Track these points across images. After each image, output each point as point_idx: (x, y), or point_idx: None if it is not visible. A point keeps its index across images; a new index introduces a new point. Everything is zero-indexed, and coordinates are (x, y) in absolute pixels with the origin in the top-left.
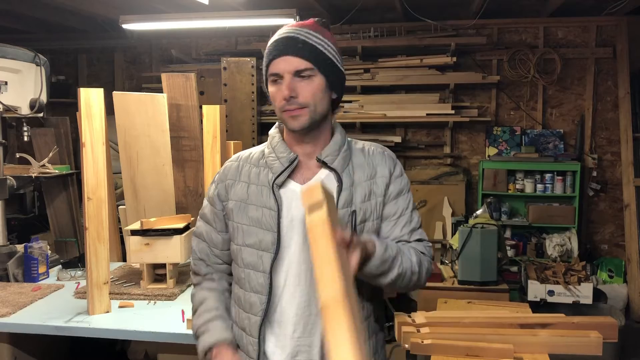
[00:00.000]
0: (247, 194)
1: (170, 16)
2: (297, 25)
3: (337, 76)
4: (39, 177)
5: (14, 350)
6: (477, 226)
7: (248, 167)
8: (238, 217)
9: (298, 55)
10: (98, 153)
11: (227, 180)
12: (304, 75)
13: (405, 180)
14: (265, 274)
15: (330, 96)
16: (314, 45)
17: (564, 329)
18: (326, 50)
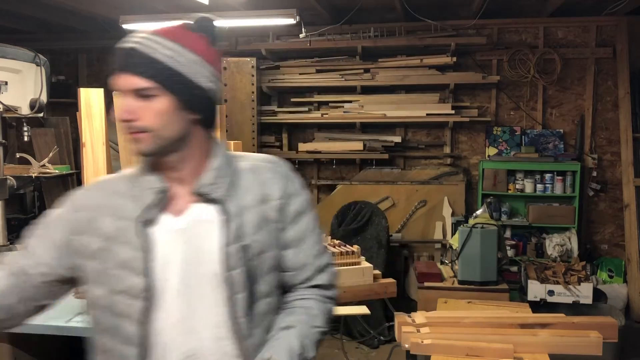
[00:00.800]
0: (115, 230)
1: (170, 16)
2: (150, 32)
3: (194, 94)
4: (39, 177)
5: (14, 350)
6: (477, 226)
7: (115, 199)
8: (104, 258)
9: (136, 73)
10: (98, 153)
11: (91, 212)
12: (145, 95)
13: (304, 197)
14: (139, 324)
15: (186, 117)
16: (159, 60)
17: (564, 329)
18: (178, 63)
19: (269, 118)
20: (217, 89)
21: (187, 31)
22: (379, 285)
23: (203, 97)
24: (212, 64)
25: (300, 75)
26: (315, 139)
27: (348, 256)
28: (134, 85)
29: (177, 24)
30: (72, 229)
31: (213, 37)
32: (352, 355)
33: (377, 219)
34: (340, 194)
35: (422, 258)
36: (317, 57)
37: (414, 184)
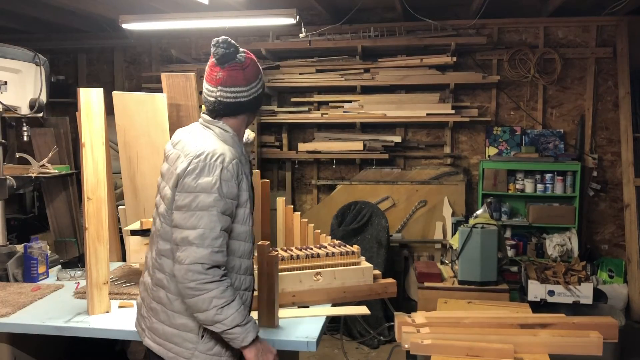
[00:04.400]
0: (248, 185)
1: (170, 16)
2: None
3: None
4: (39, 177)
5: (14, 350)
6: (477, 226)
7: (242, 165)
8: (248, 204)
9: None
10: (98, 153)
11: (239, 176)
12: None
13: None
14: (253, 244)
15: None
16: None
17: (564, 329)
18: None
19: (268, 118)
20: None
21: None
22: (379, 285)
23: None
24: (207, 81)
25: (300, 75)
26: (315, 139)
27: (348, 256)
28: None
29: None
30: (237, 191)
31: (216, 57)
32: (352, 355)
33: (377, 219)
34: (340, 194)
35: (422, 258)
36: (317, 57)
37: (414, 184)
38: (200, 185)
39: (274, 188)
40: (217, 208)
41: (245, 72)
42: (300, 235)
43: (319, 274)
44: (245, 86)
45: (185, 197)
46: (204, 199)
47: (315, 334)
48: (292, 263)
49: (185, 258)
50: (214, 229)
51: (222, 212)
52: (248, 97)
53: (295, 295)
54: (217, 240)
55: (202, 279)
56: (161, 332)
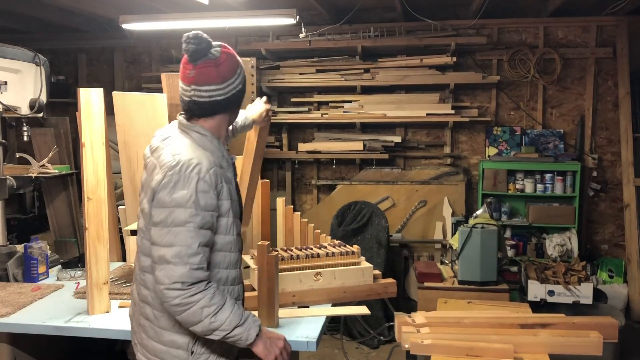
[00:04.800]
0: (230, 192)
1: (170, 16)
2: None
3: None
4: (39, 177)
5: (14, 350)
6: (477, 226)
7: (222, 172)
8: (230, 213)
9: None
10: (98, 153)
11: (218, 185)
12: None
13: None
14: (241, 253)
15: None
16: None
17: (564, 329)
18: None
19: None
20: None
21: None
22: (379, 285)
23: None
24: (181, 80)
25: (300, 75)
26: (315, 139)
27: (348, 256)
28: None
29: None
30: (217, 202)
31: (187, 53)
32: (352, 355)
33: (377, 219)
34: (340, 194)
35: (422, 258)
36: (317, 57)
37: (414, 184)
38: (175, 200)
39: (274, 188)
40: (194, 223)
41: (219, 68)
42: (300, 235)
43: (319, 274)
44: (220, 84)
45: (161, 212)
46: (179, 214)
47: (315, 334)
48: (292, 263)
49: (164, 278)
50: (191, 245)
51: (199, 226)
52: (225, 95)
53: (295, 295)
54: (195, 257)
55: (185, 294)
56: (151, 349)
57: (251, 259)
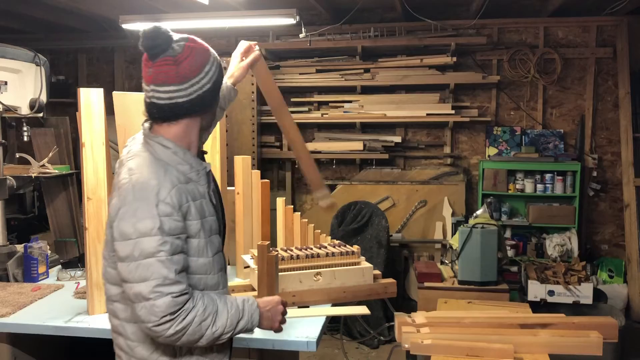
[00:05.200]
0: (200, 210)
1: (170, 16)
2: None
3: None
4: (39, 177)
5: (14, 350)
6: (477, 226)
7: (186, 189)
8: (201, 233)
9: None
10: (98, 153)
11: (183, 205)
12: None
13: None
14: (223, 272)
15: None
16: None
17: (564, 329)
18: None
19: (269, 118)
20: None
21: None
22: (379, 285)
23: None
24: (143, 79)
25: (300, 75)
26: (315, 139)
27: (348, 256)
28: None
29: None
30: (183, 223)
31: (144, 50)
32: (352, 355)
33: (377, 219)
34: (340, 194)
35: (422, 258)
36: (317, 57)
37: (414, 184)
38: (139, 230)
39: (274, 188)
40: (164, 252)
41: (180, 66)
42: (300, 235)
43: (319, 274)
44: (180, 84)
45: (125, 246)
46: (146, 244)
47: (315, 334)
48: (292, 263)
49: (149, 316)
50: (168, 276)
51: (171, 253)
52: (187, 97)
53: (295, 295)
54: (175, 286)
55: (176, 321)
56: None
57: (251, 259)
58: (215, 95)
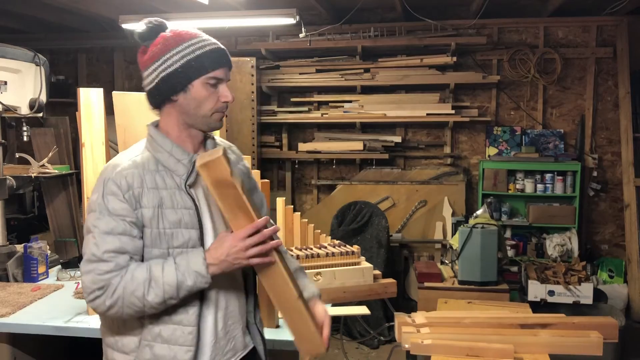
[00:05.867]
0: (160, 199)
1: (170, 16)
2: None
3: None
4: (39, 177)
5: (14, 350)
6: (477, 226)
7: (150, 175)
8: (157, 223)
9: (231, 69)
10: (98, 153)
11: (135, 189)
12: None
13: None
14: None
15: None
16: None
17: (564, 329)
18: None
19: (268, 118)
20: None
21: None
22: (379, 285)
23: None
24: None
25: (300, 75)
26: (315, 139)
27: (348, 256)
28: (229, 77)
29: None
30: (132, 207)
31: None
32: (352, 355)
33: (377, 219)
34: (340, 194)
35: (422, 258)
36: (317, 57)
37: (414, 184)
38: (89, 205)
39: (274, 188)
40: (98, 228)
41: (146, 55)
42: (300, 235)
43: (319, 274)
44: (144, 71)
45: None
46: (89, 219)
47: None
48: None
49: (84, 292)
50: (95, 253)
51: (105, 232)
52: (151, 85)
53: None
54: (100, 264)
55: (107, 295)
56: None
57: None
58: (177, 78)
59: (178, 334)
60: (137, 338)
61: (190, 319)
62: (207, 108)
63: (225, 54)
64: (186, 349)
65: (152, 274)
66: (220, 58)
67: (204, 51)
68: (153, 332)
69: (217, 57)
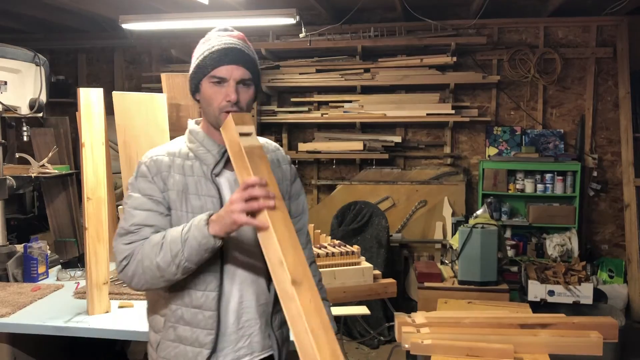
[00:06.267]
0: (185, 184)
1: (170, 16)
2: (238, 37)
3: (259, 89)
4: (39, 177)
5: (14, 350)
6: (477, 226)
7: (181, 161)
8: (181, 206)
9: (245, 66)
10: (98, 153)
11: (162, 173)
12: (246, 84)
13: (300, 183)
14: (216, 256)
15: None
16: (255, 60)
17: (564, 329)
18: (258, 65)
19: (269, 118)
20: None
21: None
22: (379, 285)
23: (259, 93)
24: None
25: (300, 75)
26: (315, 139)
27: (348, 256)
28: (243, 76)
29: (242, 35)
30: (160, 188)
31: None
32: (352, 355)
33: (377, 219)
34: (340, 194)
35: (422, 258)
36: (317, 57)
37: (414, 184)
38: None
39: None
40: (129, 205)
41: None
42: None
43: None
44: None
45: None
46: (124, 199)
47: None
48: None
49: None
50: (123, 226)
51: (133, 207)
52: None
53: None
54: (126, 237)
55: (131, 264)
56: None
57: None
58: (194, 79)
59: (199, 318)
60: (163, 319)
61: (210, 304)
62: (215, 106)
63: (231, 52)
64: (207, 332)
65: (164, 237)
66: (223, 57)
67: (210, 51)
68: (176, 314)
69: (221, 56)
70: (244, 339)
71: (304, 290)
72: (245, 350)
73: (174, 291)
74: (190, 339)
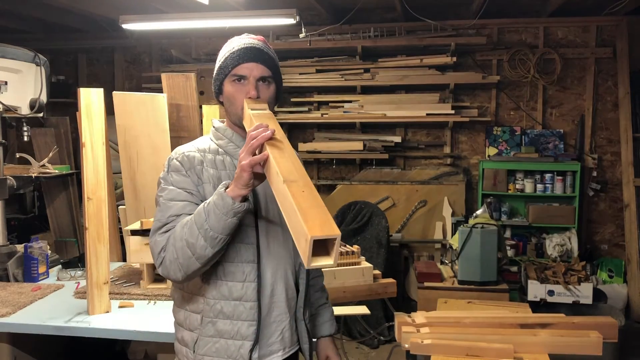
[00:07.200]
0: (219, 178)
1: (170, 16)
2: (258, 39)
3: (281, 87)
4: (39, 177)
5: (14, 350)
6: (477, 226)
7: (212, 156)
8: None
9: (264, 64)
10: (98, 153)
11: (196, 167)
12: (267, 81)
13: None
14: (253, 245)
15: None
16: (274, 59)
17: (564, 329)
18: (278, 65)
19: None
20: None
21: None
22: (379, 285)
23: (282, 91)
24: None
25: (300, 75)
26: (315, 139)
27: (348, 256)
28: (263, 73)
29: (263, 37)
30: (194, 182)
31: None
32: (352, 355)
33: (377, 219)
34: (340, 194)
35: (422, 258)
36: (317, 57)
37: (414, 184)
38: (157, 184)
39: None
40: (163, 197)
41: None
42: None
43: None
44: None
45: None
46: (156, 195)
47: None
48: None
49: (154, 259)
50: (160, 219)
51: (168, 199)
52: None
53: None
54: (165, 227)
55: (167, 252)
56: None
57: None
58: (216, 80)
59: (241, 310)
60: (200, 316)
61: (250, 295)
62: (237, 105)
63: (251, 51)
64: (249, 323)
65: (195, 215)
66: (243, 55)
67: (231, 52)
68: (215, 309)
69: (241, 54)
70: (277, 333)
71: (298, 184)
72: (277, 345)
73: (212, 285)
74: (232, 332)
